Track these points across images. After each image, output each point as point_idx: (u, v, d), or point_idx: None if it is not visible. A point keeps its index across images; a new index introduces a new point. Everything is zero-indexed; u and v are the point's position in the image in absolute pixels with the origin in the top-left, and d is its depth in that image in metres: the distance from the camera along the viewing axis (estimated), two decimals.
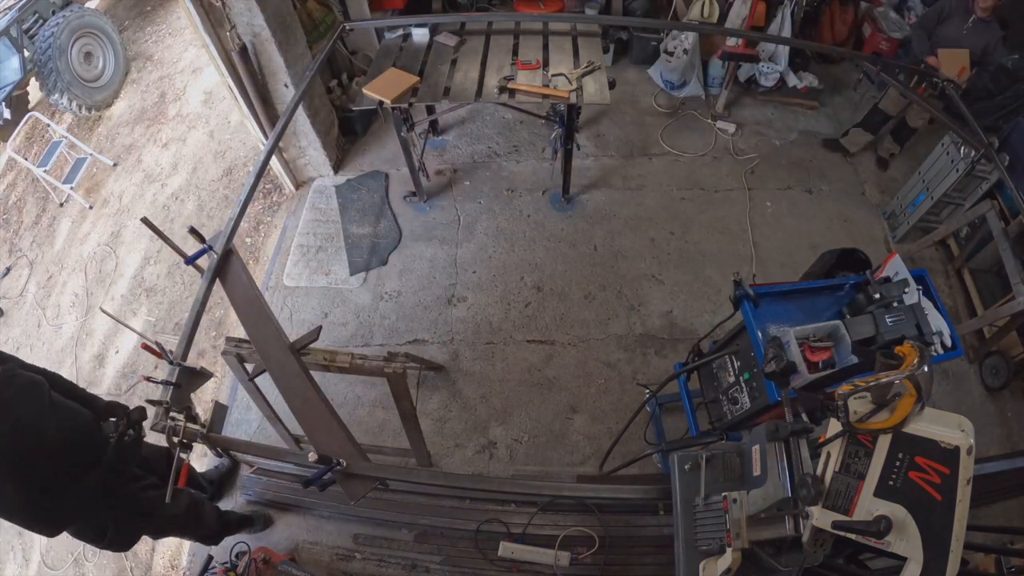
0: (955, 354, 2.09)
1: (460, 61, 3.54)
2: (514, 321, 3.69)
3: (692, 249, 3.96)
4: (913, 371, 1.18)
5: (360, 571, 2.91)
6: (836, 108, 4.85)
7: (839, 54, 4.99)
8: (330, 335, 3.65)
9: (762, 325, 2.06)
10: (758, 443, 1.52)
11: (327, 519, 3.05)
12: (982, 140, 3.02)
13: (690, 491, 1.61)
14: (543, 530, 2.88)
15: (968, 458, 1.19)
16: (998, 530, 2.59)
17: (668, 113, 4.79)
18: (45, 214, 4.86)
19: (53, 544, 3.27)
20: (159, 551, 3.16)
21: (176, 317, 3.99)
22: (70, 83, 5.10)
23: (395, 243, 4.08)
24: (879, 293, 2.00)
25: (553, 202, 4.24)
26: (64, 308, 4.20)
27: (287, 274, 3.98)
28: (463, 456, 3.24)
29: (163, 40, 6.27)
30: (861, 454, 1.28)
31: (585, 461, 3.18)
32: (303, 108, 3.85)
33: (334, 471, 1.80)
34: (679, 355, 3.43)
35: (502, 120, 4.75)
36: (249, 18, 3.36)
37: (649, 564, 2.79)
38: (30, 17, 5.14)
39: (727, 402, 2.30)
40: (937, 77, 3.43)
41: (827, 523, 1.27)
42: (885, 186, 4.30)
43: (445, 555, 2.90)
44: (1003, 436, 3.18)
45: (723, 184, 4.33)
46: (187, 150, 5.04)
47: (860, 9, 4.94)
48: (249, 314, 2.21)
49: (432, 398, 3.42)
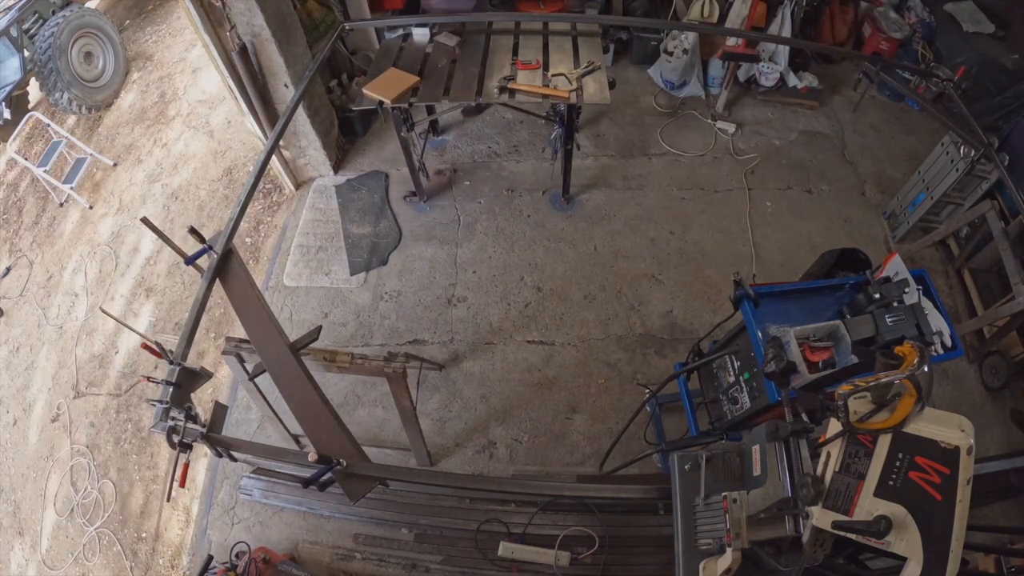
0: (955, 354, 2.09)
1: (460, 61, 3.53)
2: (514, 321, 3.69)
3: (692, 249, 3.96)
4: (913, 371, 1.18)
5: (360, 571, 2.91)
6: (836, 108, 4.84)
7: (839, 54, 4.99)
8: (330, 335, 3.65)
9: (762, 325, 2.06)
10: (758, 443, 1.51)
11: (327, 519, 3.05)
12: (982, 140, 3.01)
13: (690, 491, 1.61)
14: (543, 530, 2.88)
15: (968, 458, 1.19)
16: (998, 530, 2.59)
17: (668, 113, 4.79)
18: (45, 214, 4.86)
19: (53, 544, 3.27)
20: (159, 551, 3.16)
21: (176, 317, 3.99)
22: (70, 83, 5.10)
23: (395, 243, 4.08)
24: (879, 293, 2.00)
25: (553, 202, 4.24)
26: (64, 308, 4.20)
27: (287, 274, 3.98)
28: (463, 456, 3.24)
29: (163, 40, 6.27)
30: (861, 454, 1.28)
31: (585, 461, 3.18)
32: (303, 108, 3.85)
33: (334, 471, 1.80)
34: (679, 355, 3.43)
35: (502, 120, 4.75)
36: (249, 18, 3.36)
37: (649, 564, 2.79)
38: (30, 17, 5.14)
39: (727, 402, 2.30)
40: (937, 76, 3.43)
41: (827, 523, 1.27)
42: (885, 186, 4.30)
43: (445, 555, 2.90)
44: (1003, 436, 3.18)
45: (723, 184, 4.32)
46: (187, 150, 5.04)
47: (860, 9, 4.94)
48: (249, 314, 2.21)
49: (432, 398, 3.42)
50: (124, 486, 3.38)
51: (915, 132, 4.65)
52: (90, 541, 3.23)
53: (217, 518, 3.11)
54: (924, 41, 4.66)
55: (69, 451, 3.55)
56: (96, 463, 3.47)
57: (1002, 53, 4.18)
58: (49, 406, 3.75)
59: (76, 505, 3.35)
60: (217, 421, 1.97)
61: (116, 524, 3.27)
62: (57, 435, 3.62)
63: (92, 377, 3.82)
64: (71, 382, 3.81)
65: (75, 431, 3.61)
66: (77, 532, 3.27)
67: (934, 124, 4.52)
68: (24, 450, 3.63)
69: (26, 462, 3.58)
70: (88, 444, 3.55)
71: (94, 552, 3.20)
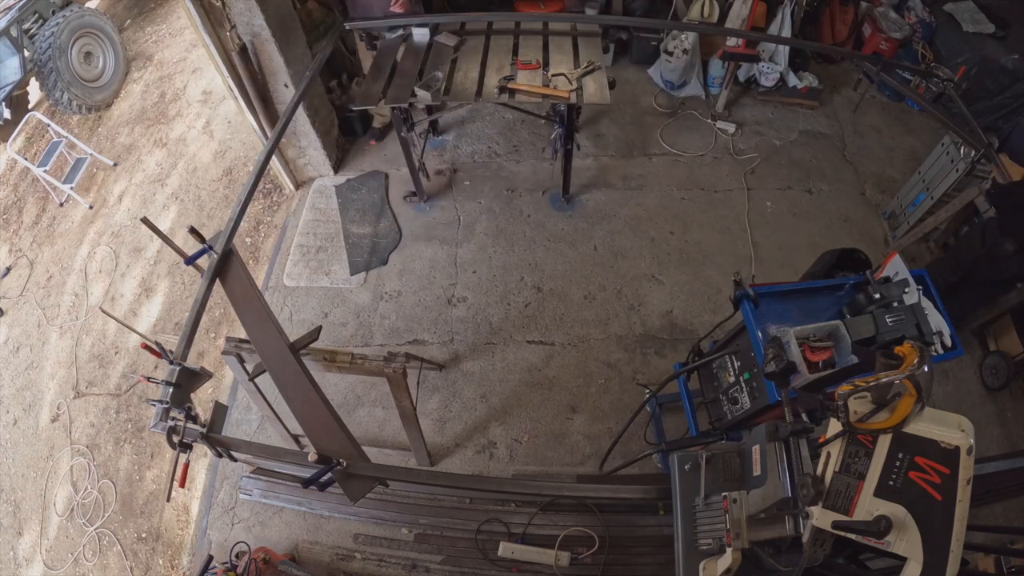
0: (955, 354, 2.09)
1: (460, 61, 3.53)
2: (514, 321, 3.68)
3: (692, 249, 3.96)
4: (913, 371, 1.18)
5: (360, 571, 2.91)
6: (836, 108, 4.84)
7: (839, 54, 4.99)
8: (330, 335, 3.65)
9: (762, 325, 2.06)
10: (758, 443, 1.52)
11: (327, 519, 3.05)
12: (982, 140, 3.02)
13: (690, 491, 1.61)
14: (543, 530, 2.88)
15: (968, 458, 1.19)
16: (998, 530, 2.59)
17: (668, 113, 4.79)
18: (45, 214, 4.86)
19: (53, 544, 3.27)
20: (159, 551, 3.16)
21: (176, 317, 3.99)
22: (70, 83, 5.10)
23: (395, 243, 4.08)
24: (879, 293, 2.00)
25: (553, 202, 4.24)
26: (64, 308, 4.20)
27: (287, 274, 3.98)
28: (463, 456, 3.24)
29: (163, 40, 6.27)
30: (861, 454, 1.28)
31: (585, 461, 3.18)
32: (303, 108, 3.85)
33: (334, 471, 1.80)
34: (679, 355, 3.43)
35: (502, 120, 4.75)
36: (249, 18, 3.36)
37: (649, 564, 2.80)
38: (30, 17, 5.14)
39: (727, 402, 2.30)
40: (937, 76, 3.43)
41: (827, 523, 1.27)
42: (885, 186, 4.30)
43: (445, 555, 2.90)
44: (1003, 436, 3.18)
45: (723, 184, 4.32)
46: (187, 150, 5.04)
47: (860, 9, 4.94)
48: (249, 314, 2.21)
49: (432, 398, 3.42)
50: (124, 486, 3.38)
51: (915, 132, 4.65)
52: (90, 541, 3.23)
53: (217, 518, 3.11)
54: (924, 41, 4.66)
55: (69, 451, 3.55)
56: (96, 463, 3.47)
57: (1002, 53, 4.18)
58: (49, 406, 3.75)
59: (76, 505, 3.35)
60: (217, 421, 1.98)
61: (116, 524, 3.27)
62: (57, 435, 3.63)
63: (92, 377, 3.82)
64: (71, 382, 3.81)
65: (75, 431, 3.61)
66: (77, 532, 3.27)
67: (934, 124, 4.52)
68: (24, 450, 3.62)
69: (26, 462, 3.58)
70: (88, 444, 3.55)
71: (94, 552, 3.20)
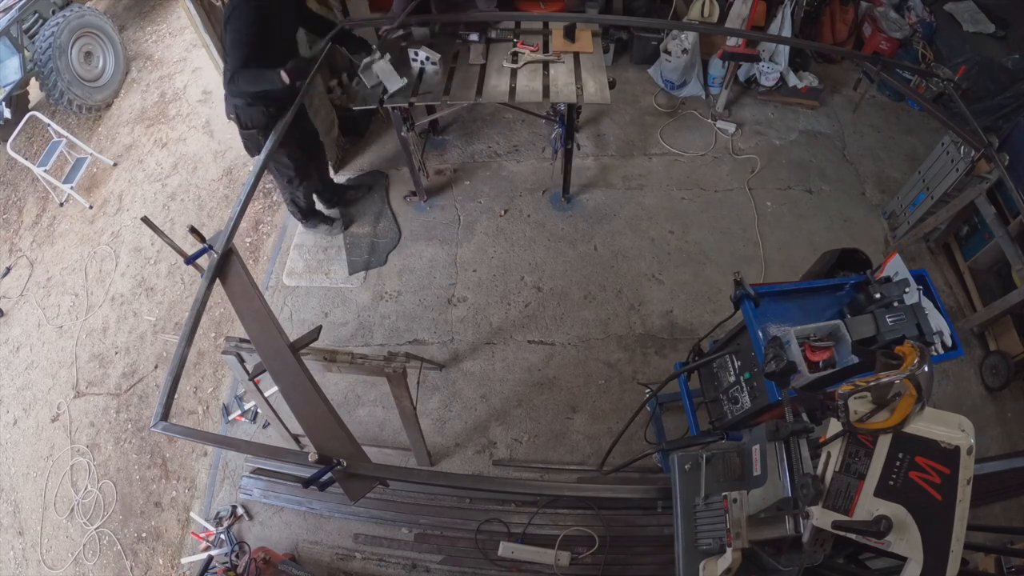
0: (955, 354, 2.10)
1: (460, 60, 3.53)
2: (514, 321, 3.68)
3: (692, 249, 3.96)
4: (913, 371, 1.18)
5: (360, 571, 2.91)
6: (836, 108, 4.84)
7: (839, 54, 4.99)
8: (330, 335, 3.65)
9: (763, 325, 2.06)
10: (758, 443, 1.51)
11: (327, 519, 3.06)
12: (982, 140, 3.01)
13: (690, 491, 1.61)
14: (543, 530, 2.88)
15: (968, 458, 1.19)
16: (998, 530, 2.59)
17: (668, 113, 4.79)
18: (45, 214, 4.86)
19: (53, 544, 3.27)
20: (159, 550, 3.16)
21: (176, 317, 3.98)
22: (70, 83, 5.09)
23: (395, 243, 4.08)
24: (879, 293, 2.00)
25: (553, 202, 4.24)
26: (64, 308, 4.19)
27: (287, 274, 3.98)
28: (463, 456, 3.24)
29: (163, 40, 6.26)
30: (861, 454, 1.28)
31: (585, 461, 3.18)
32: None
33: (334, 471, 1.80)
34: (679, 355, 3.43)
35: (502, 120, 4.75)
36: None
37: (649, 564, 2.80)
38: (30, 17, 5.13)
39: (727, 402, 2.30)
40: (937, 76, 3.43)
41: (827, 523, 1.27)
42: (885, 186, 4.30)
43: (445, 555, 2.90)
44: (1003, 436, 3.18)
45: (723, 184, 4.32)
46: (187, 150, 5.03)
47: (860, 9, 4.94)
48: (249, 314, 2.21)
49: (432, 398, 3.42)
50: (124, 486, 3.38)
51: (915, 132, 4.65)
52: (90, 541, 3.23)
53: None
54: (924, 41, 4.66)
55: (69, 451, 3.55)
56: (96, 463, 3.47)
57: (1002, 53, 4.18)
58: (49, 406, 3.74)
59: (76, 505, 3.35)
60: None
61: (116, 524, 3.27)
62: (57, 435, 3.62)
63: (92, 377, 3.81)
64: (71, 382, 3.81)
65: (75, 431, 3.61)
66: (77, 532, 3.27)
67: (934, 124, 4.52)
68: (24, 450, 3.62)
69: (26, 462, 3.58)
70: (88, 444, 3.55)
71: (94, 552, 3.20)
